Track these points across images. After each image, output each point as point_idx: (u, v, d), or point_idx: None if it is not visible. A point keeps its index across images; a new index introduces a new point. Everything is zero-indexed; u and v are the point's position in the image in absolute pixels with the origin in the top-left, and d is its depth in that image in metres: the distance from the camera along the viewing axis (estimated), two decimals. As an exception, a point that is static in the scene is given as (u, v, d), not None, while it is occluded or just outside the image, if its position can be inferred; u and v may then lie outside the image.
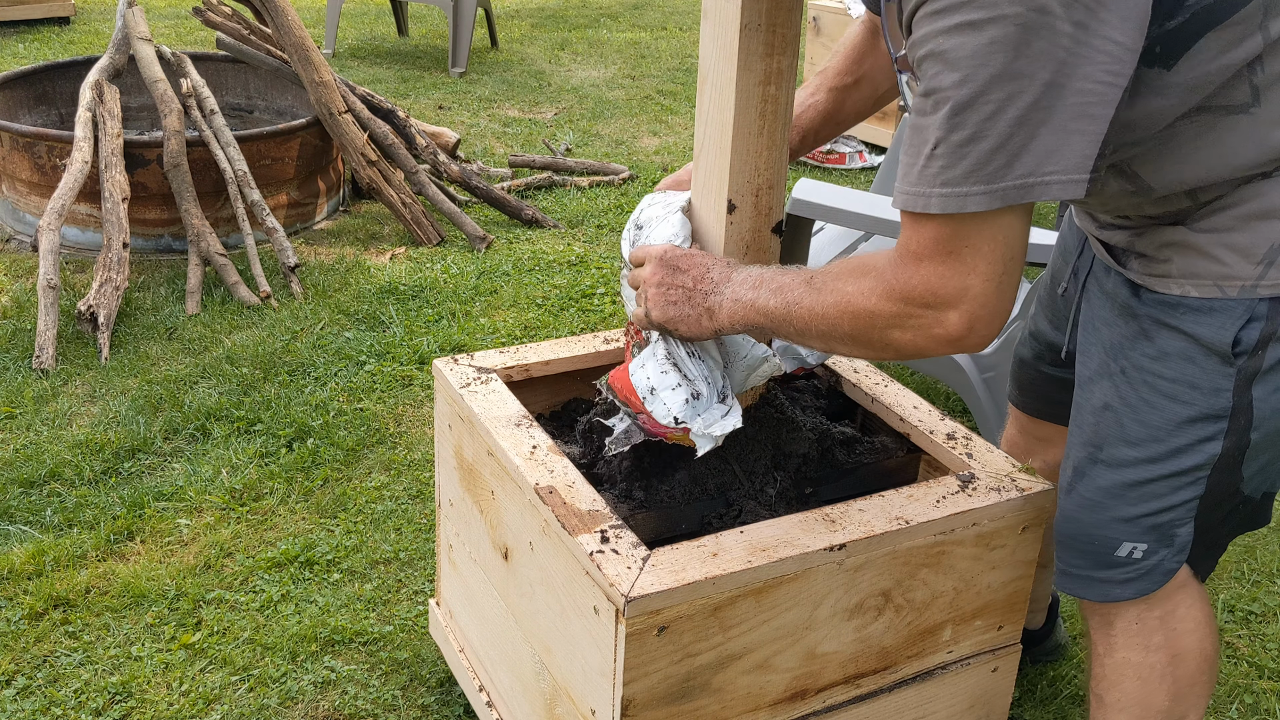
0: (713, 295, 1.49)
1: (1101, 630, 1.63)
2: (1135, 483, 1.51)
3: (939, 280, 1.27)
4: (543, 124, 5.69)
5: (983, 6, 1.16)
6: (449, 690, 2.14)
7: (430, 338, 3.45)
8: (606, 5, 8.63)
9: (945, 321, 1.29)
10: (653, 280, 1.54)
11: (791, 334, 1.43)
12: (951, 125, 1.20)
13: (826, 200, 2.76)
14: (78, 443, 2.84)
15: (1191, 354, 1.44)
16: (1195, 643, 1.59)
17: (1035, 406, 1.95)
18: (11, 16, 6.83)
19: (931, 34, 1.20)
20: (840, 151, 5.35)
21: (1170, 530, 1.52)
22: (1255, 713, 2.19)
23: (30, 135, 3.87)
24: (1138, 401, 1.49)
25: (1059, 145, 1.20)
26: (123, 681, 2.14)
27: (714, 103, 1.53)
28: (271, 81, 4.73)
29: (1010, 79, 1.17)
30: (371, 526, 2.61)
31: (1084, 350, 1.60)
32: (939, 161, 1.22)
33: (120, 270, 3.45)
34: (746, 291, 1.46)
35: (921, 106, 1.24)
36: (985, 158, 1.20)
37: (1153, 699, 1.60)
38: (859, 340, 1.37)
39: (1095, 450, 1.55)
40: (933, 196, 1.24)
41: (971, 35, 1.17)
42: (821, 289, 1.38)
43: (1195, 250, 1.42)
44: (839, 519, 1.54)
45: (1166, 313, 1.45)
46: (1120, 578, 1.56)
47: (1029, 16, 1.15)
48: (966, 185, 1.22)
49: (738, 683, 1.50)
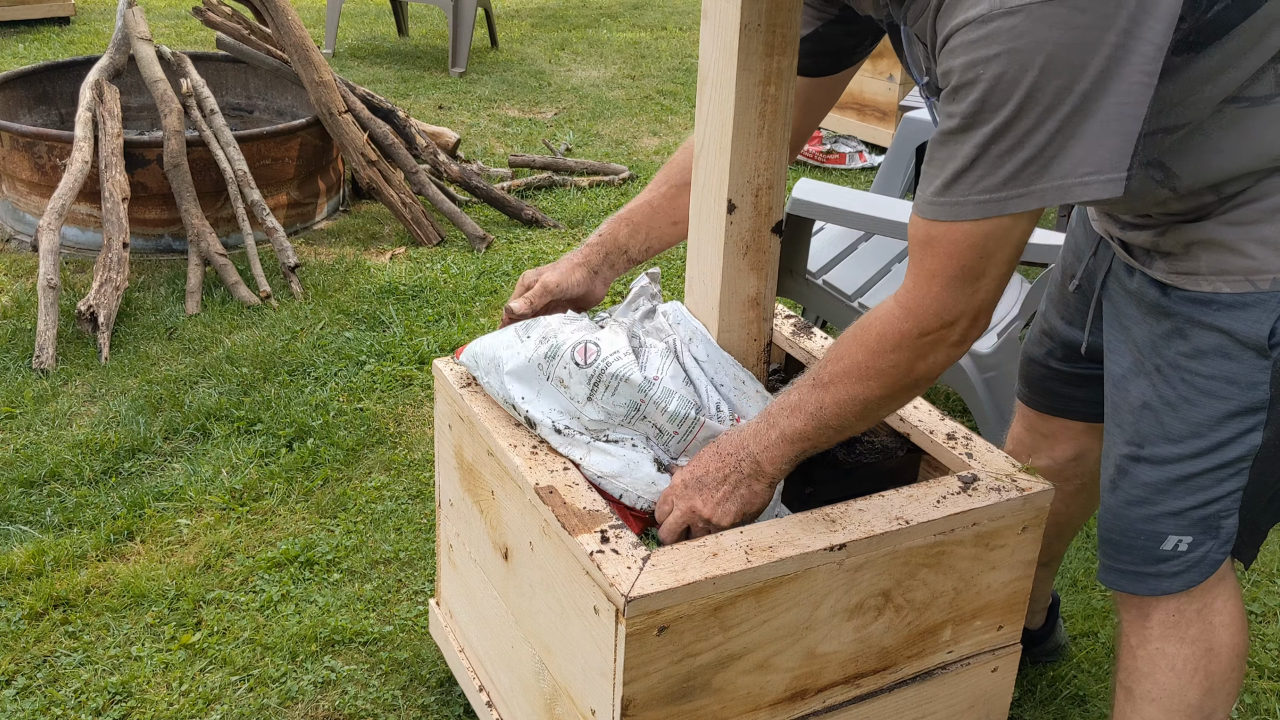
0: (743, 463, 1.51)
1: (1137, 622, 1.64)
2: (1180, 478, 1.53)
3: (952, 297, 1.33)
4: (543, 124, 5.69)
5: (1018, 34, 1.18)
6: (449, 690, 2.15)
7: (430, 338, 3.45)
8: (606, 5, 8.63)
9: (957, 333, 1.35)
10: (698, 509, 1.52)
11: (835, 435, 1.48)
12: (992, 140, 1.23)
13: (826, 200, 2.76)
14: (78, 443, 2.84)
15: (1228, 350, 1.46)
16: (1229, 637, 1.60)
17: (1043, 402, 1.96)
18: (11, 16, 6.83)
19: (970, 56, 1.22)
20: (840, 151, 5.35)
21: (1216, 522, 1.54)
22: (1255, 713, 2.20)
23: (30, 135, 3.87)
24: (1176, 399, 1.51)
25: (1097, 147, 1.23)
26: (123, 681, 2.14)
27: (714, 103, 1.53)
28: (271, 81, 4.73)
29: (1050, 95, 1.20)
30: (371, 526, 2.61)
31: (1112, 348, 1.62)
32: (977, 171, 1.25)
33: (120, 270, 3.45)
34: (768, 433, 1.49)
35: (959, 124, 1.26)
36: (1024, 165, 1.23)
37: (1185, 692, 1.61)
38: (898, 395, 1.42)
39: (1137, 449, 1.57)
40: (968, 204, 1.27)
41: (1010, 60, 1.19)
42: (833, 381, 1.43)
43: (1223, 246, 1.44)
44: (839, 519, 1.54)
45: (1199, 310, 1.47)
46: (1170, 571, 1.58)
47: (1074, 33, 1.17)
48: (1005, 191, 1.25)
49: (738, 683, 1.50)
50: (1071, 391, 1.89)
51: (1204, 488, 1.53)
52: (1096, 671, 2.26)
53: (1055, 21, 1.17)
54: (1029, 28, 1.18)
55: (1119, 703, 1.68)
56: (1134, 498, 1.58)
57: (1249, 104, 1.37)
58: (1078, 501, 2.02)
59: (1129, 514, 1.59)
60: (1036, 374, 1.94)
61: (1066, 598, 2.45)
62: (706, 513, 1.51)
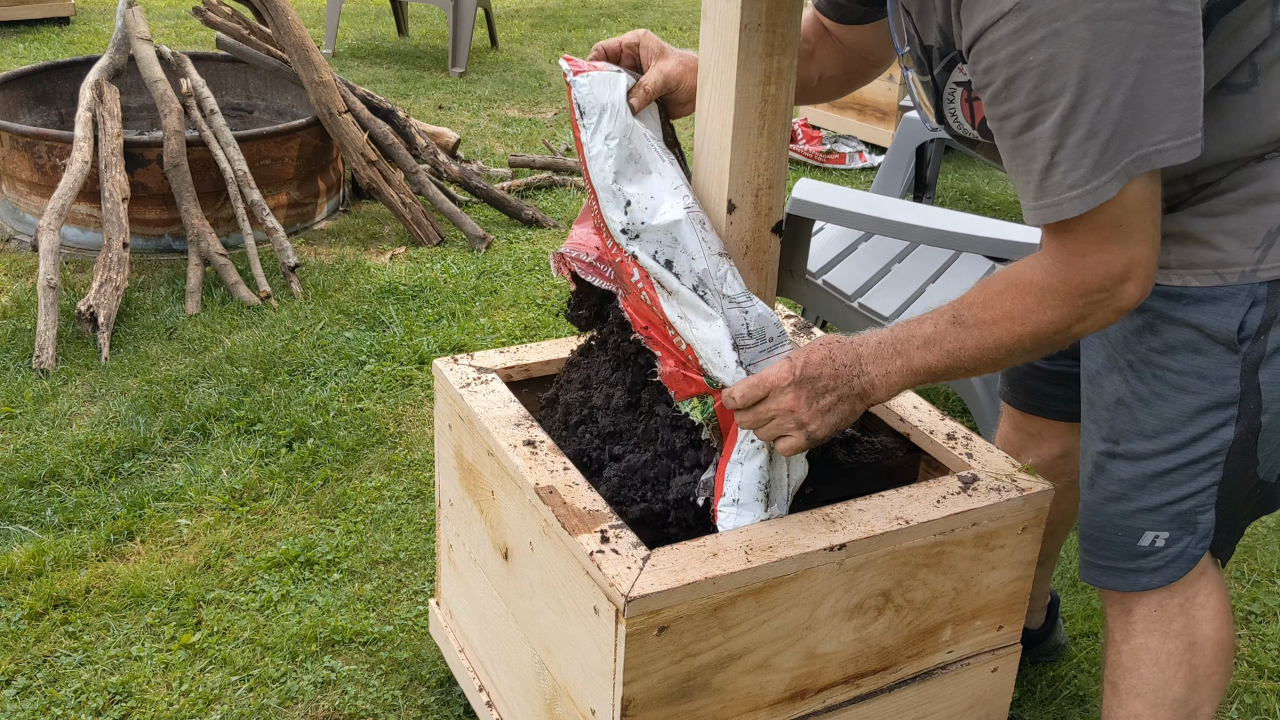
0: (857, 379, 1.46)
1: (1120, 618, 1.65)
2: (1155, 473, 1.53)
3: (1109, 265, 1.31)
4: (543, 124, 5.69)
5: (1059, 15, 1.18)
6: (449, 690, 2.15)
7: (430, 338, 3.45)
8: (606, 5, 8.63)
9: (1124, 294, 1.33)
10: (796, 406, 1.45)
11: (962, 375, 1.45)
12: (1064, 130, 1.23)
13: (826, 200, 2.76)
14: (78, 443, 2.84)
15: (1198, 344, 1.46)
16: (1213, 631, 1.61)
17: (1026, 401, 1.96)
18: (11, 16, 6.83)
19: (1014, 46, 1.22)
20: (840, 151, 5.35)
21: (1192, 517, 1.54)
22: (1255, 713, 2.20)
23: (30, 135, 3.87)
24: (1149, 395, 1.51)
25: (1165, 113, 1.23)
26: (123, 681, 2.14)
27: (714, 103, 1.53)
28: (271, 81, 4.73)
29: (1108, 70, 1.20)
30: (371, 526, 2.61)
31: (1087, 344, 1.62)
32: (1062, 167, 1.25)
33: (120, 270, 3.45)
34: (892, 360, 1.45)
35: (1023, 120, 1.26)
36: (1103, 147, 1.23)
37: (1169, 686, 1.61)
38: (1044, 347, 1.40)
39: (1113, 445, 1.57)
40: (1065, 202, 1.27)
41: (1057, 42, 1.19)
42: (980, 324, 1.39)
43: (1192, 239, 1.44)
44: (839, 519, 1.54)
45: (1169, 305, 1.47)
46: (1149, 566, 1.58)
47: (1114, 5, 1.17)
48: (1095, 179, 1.25)
49: (738, 683, 1.50)
50: (1052, 390, 1.90)
51: (1179, 483, 1.53)
52: (1096, 671, 2.26)
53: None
54: (1072, 6, 1.18)
55: (1106, 698, 1.69)
56: (1111, 494, 1.58)
57: (1228, 91, 1.37)
58: (1068, 499, 2.02)
59: (1106, 510, 1.59)
60: (1017, 373, 1.95)
61: (1066, 598, 2.45)
62: (805, 417, 1.45)
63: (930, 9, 1.41)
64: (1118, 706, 1.66)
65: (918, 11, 1.45)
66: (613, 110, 1.55)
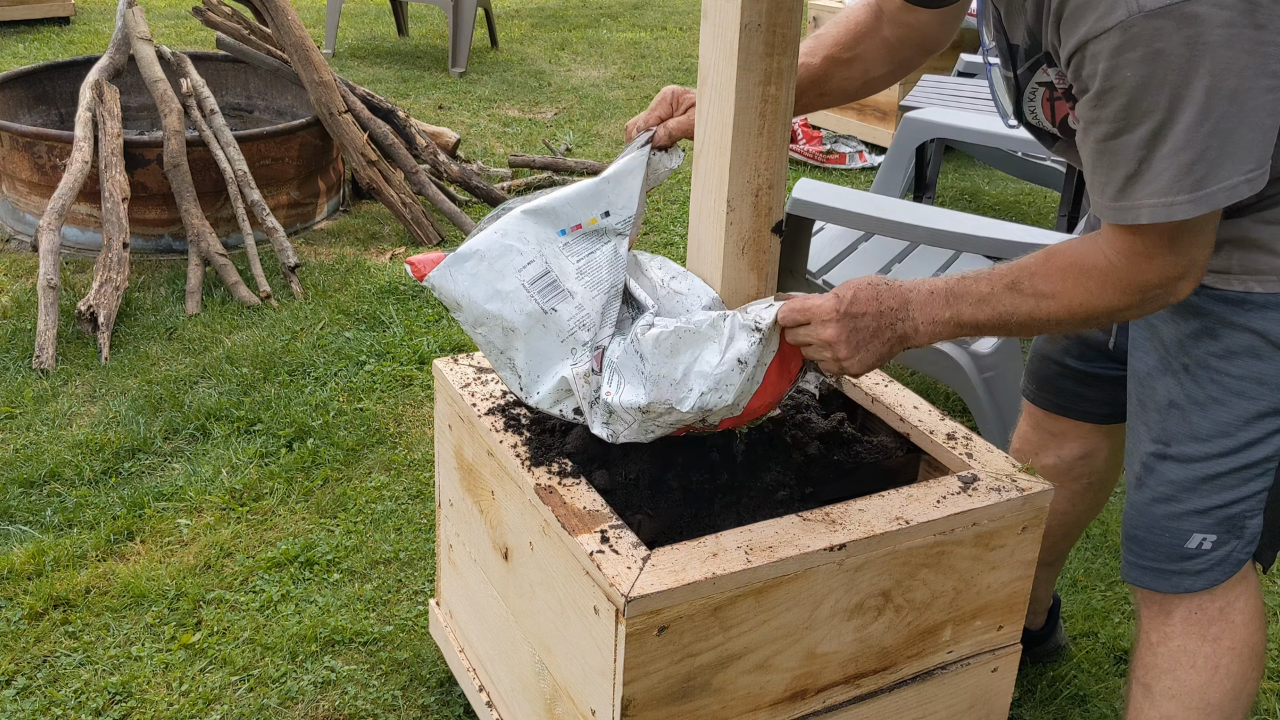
0: (900, 323, 1.48)
1: (1158, 619, 1.64)
2: (1206, 477, 1.54)
3: (1171, 267, 1.37)
4: (543, 124, 5.69)
5: (1160, 36, 1.21)
6: (449, 690, 2.15)
7: (430, 338, 3.45)
8: (606, 5, 8.63)
9: (1178, 290, 1.39)
10: (836, 340, 1.47)
11: (1000, 335, 1.51)
12: (1153, 144, 1.27)
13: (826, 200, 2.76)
14: (78, 443, 2.84)
15: (1259, 350, 1.47)
16: (1249, 635, 1.61)
17: (1053, 400, 1.95)
18: (11, 16, 6.83)
19: (1114, 61, 1.25)
20: (840, 151, 5.35)
21: (1241, 521, 1.55)
22: (1255, 713, 2.19)
23: (30, 135, 3.87)
24: (1205, 399, 1.52)
25: (1254, 143, 1.27)
26: (123, 681, 2.14)
27: (714, 103, 1.53)
28: (271, 81, 4.73)
29: (1201, 94, 1.23)
30: (371, 526, 2.61)
31: (1137, 345, 1.62)
32: (1144, 177, 1.29)
33: (120, 270, 3.45)
34: (941, 310, 1.47)
35: (1112, 129, 1.29)
36: (1186, 168, 1.27)
37: (1207, 690, 1.61)
38: (1090, 325, 1.47)
39: (1164, 446, 1.58)
40: (1142, 209, 1.31)
41: (1155, 62, 1.22)
42: (1038, 295, 1.43)
43: (1255, 245, 1.45)
44: (839, 519, 1.54)
45: (1231, 310, 1.48)
46: (1193, 569, 1.59)
47: (1219, 33, 1.20)
48: (1170, 195, 1.29)
49: (738, 683, 1.50)
50: (1083, 391, 1.89)
51: (1230, 487, 1.54)
52: (1096, 671, 2.26)
53: (1198, 20, 1.19)
54: (1174, 29, 1.20)
55: (1135, 699, 1.68)
56: (1160, 495, 1.59)
57: None
58: (1084, 501, 2.01)
59: (1154, 511, 1.60)
60: (1049, 371, 1.94)
61: (1066, 598, 2.45)
62: (843, 353, 1.47)
63: (1019, 10, 1.44)
64: (1150, 708, 1.65)
65: (1006, 10, 1.48)
66: (467, 301, 1.57)
